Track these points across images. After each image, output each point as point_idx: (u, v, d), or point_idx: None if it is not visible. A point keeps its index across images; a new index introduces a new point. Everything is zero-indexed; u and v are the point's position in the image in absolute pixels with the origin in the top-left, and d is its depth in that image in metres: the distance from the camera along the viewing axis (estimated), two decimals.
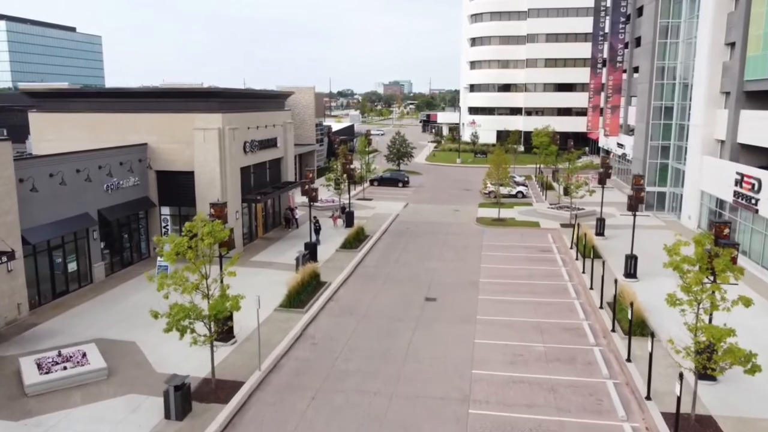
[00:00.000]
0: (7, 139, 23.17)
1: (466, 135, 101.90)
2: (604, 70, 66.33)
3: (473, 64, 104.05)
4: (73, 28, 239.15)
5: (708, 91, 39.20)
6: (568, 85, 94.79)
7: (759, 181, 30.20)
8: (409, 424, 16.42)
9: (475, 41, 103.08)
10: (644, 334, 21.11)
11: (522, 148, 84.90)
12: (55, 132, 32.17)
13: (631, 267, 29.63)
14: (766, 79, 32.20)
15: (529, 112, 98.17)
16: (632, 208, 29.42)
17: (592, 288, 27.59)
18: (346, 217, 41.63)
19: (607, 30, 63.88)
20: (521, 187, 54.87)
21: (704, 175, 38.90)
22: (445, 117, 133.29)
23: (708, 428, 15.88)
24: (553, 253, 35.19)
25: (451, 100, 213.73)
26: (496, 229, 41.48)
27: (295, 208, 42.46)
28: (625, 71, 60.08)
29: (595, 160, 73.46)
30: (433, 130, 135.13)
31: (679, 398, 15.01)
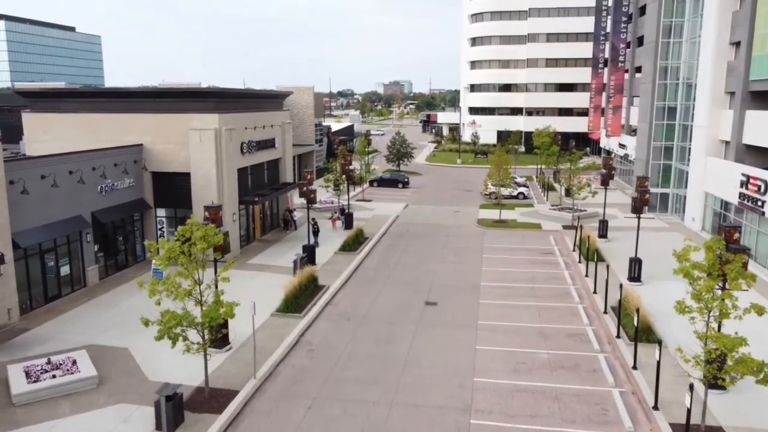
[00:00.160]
0: None
1: (467, 135, 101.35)
2: (606, 70, 65.83)
3: (473, 64, 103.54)
4: (73, 28, 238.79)
5: (712, 91, 38.65)
6: (569, 85, 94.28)
7: (765, 182, 29.66)
8: None
9: (476, 41, 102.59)
10: (650, 341, 20.59)
11: (523, 149, 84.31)
12: (49, 132, 31.63)
13: (636, 270, 29.08)
14: None
15: (530, 113, 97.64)
16: (637, 210, 28.75)
17: (595, 292, 27.04)
18: (345, 218, 41.09)
19: (609, 29, 63.41)
20: (522, 188, 54.27)
21: (708, 177, 38.37)
22: (445, 117, 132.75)
23: None
24: (555, 256, 34.65)
25: (452, 100, 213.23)
26: (497, 231, 40.94)
27: (294, 209, 41.94)
28: (627, 71, 59.58)
29: (597, 161, 73.03)
30: (434, 131, 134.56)
31: (689, 410, 14.48)
